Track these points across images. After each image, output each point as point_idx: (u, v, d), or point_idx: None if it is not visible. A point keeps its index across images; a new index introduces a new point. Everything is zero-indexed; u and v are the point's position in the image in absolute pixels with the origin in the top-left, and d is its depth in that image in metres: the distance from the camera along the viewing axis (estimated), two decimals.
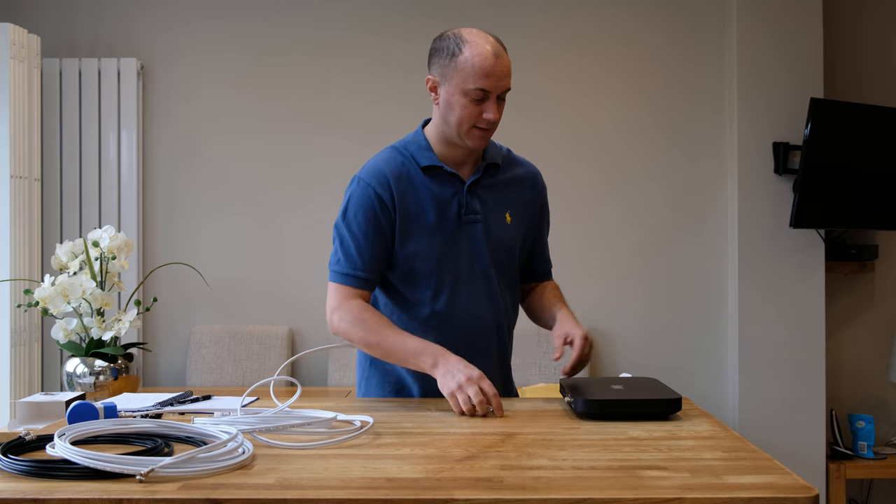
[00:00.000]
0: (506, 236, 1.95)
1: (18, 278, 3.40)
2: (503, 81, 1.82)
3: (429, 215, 1.89)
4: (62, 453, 1.21)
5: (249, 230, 3.85)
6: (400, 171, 1.91)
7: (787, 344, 3.69)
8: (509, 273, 1.99)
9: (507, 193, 1.98)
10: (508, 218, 1.96)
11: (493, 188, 1.96)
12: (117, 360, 2.55)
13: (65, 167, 3.75)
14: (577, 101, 3.87)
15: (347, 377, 3.73)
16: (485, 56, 1.80)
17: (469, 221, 1.91)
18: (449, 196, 1.91)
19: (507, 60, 1.83)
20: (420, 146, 1.94)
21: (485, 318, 1.94)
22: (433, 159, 1.91)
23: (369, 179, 1.90)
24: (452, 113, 1.84)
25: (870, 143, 3.60)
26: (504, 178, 1.99)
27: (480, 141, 1.87)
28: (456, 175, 1.92)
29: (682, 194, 3.85)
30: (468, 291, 1.92)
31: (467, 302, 1.92)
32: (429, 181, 1.90)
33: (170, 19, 3.86)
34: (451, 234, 1.90)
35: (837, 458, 3.66)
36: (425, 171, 1.91)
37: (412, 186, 1.89)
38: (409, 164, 1.92)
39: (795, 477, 1.19)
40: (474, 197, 1.92)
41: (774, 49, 3.70)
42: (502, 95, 1.85)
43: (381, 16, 3.86)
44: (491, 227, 1.93)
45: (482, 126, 1.84)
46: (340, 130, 3.85)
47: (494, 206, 1.95)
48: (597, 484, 1.17)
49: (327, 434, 1.45)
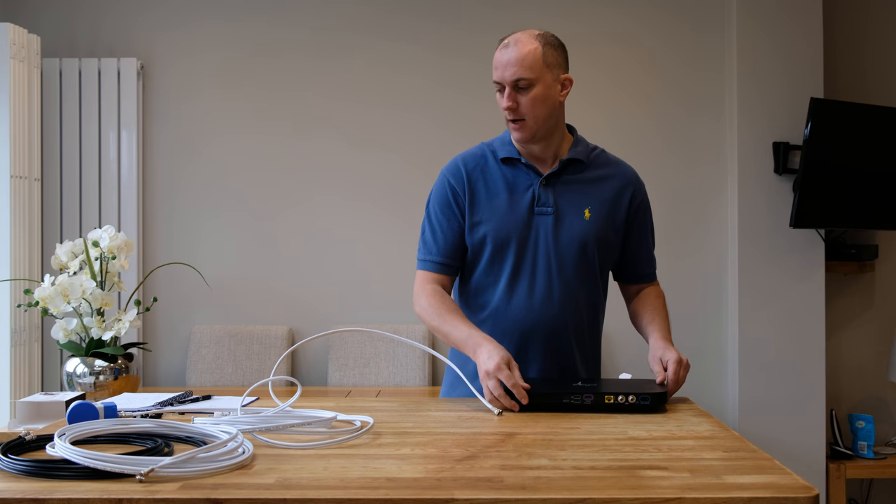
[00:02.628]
0: (581, 231, 1.95)
1: (18, 278, 3.40)
2: (508, 71, 1.88)
3: (500, 201, 1.95)
4: (62, 453, 1.21)
5: (249, 230, 3.85)
6: (476, 161, 2.00)
7: (787, 344, 3.69)
8: (584, 268, 1.97)
9: (589, 190, 1.99)
10: (587, 214, 1.97)
11: (574, 184, 1.98)
12: (117, 360, 2.55)
13: (65, 167, 3.75)
14: (576, 102, 3.86)
15: (347, 377, 3.73)
16: (497, 50, 1.91)
17: (541, 213, 1.95)
18: (524, 187, 1.96)
19: (522, 49, 1.89)
20: (503, 141, 2.02)
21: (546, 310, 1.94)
22: (512, 152, 1.98)
23: (446, 171, 2.01)
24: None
25: (870, 143, 3.60)
26: (590, 176, 2.00)
27: (517, 133, 1.93)
28: (533, 167, 1.97)
29: (683, 194, 3.85)
30: (529, 281, 1.94)
31: (527, 295, 1.94)
32: (506, 170, 1.98)
33: (170, 19, 3.86)
34: (522, 223, 1.94)
35: (837, 458, 3.66)
36: (504, 162, 1.99)
37: (487, 174, 1.98)
38: (489, 155, 2.01)
39: (795, 477, 1.19)
40: (550, 190, 1.96)
41: (774, 49, 3.70)
42: (521, 85, 1.89)
43: (380, 17, 3.86)
44: (564, 221, 1.95)
45: (509, 118, 1.92)
46: (340, 130, 3.86)
47: (572, 201, 1.97)
48: (597, 484, 1.17)
49: (327, 434, 1.45)
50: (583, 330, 2.01)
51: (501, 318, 1.95)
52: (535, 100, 1.89)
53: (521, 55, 1.88)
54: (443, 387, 2.12)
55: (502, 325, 1.95)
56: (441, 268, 1.98)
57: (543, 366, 1.96)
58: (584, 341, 2.02)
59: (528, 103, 1.89)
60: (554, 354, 1.96)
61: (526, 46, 1.89)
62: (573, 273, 1.96)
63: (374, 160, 3.83)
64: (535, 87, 1.89)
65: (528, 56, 1.88)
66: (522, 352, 1.95)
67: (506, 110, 1.90)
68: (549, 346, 1.96)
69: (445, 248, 1.97)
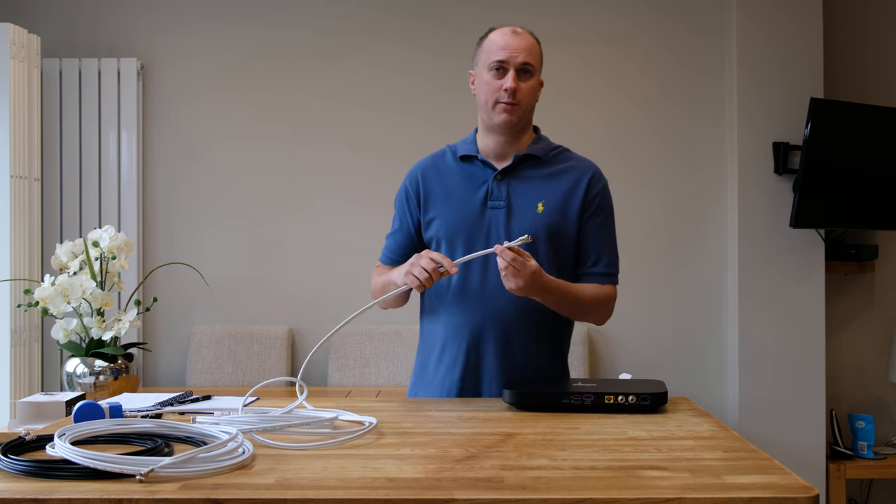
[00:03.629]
0: (531, 224, 1.96)
1: (18, 278, 3.40)
2: (519, 54, 1.95)
3: (455, 197, 2.02)
4: (62, 453, 1.21)
5: (249, 230, 3.85)
6: (435, 161, 2.10)
7: (787, 344, 3.69)
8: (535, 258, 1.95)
9: (545, 185, 2.01)
10: (541, 207, 1.98)
11: (530, 179, 2.01)
12: (117, 360, 2.54)
13: (65, 167, 3.75)
14: (576, 104, 3.87)
15: (347, 377, 3.73)
16: (504, 33, 1.98)
17: (494, 207, 1.99)
18: (479, 182, 2.02)
19: (529, 39, 1.99)
20: (466, 141, 2.10)
21: (500, 302, 1.95)
22: (471, 150, 2.05)
23: (407, 175, 2.13)
24: (482, 92, 1.99)
25: (870, 143, 3.60)
26: (546, 172, 2.03)
27: (507, 116, 1.96)
28: (489, 164, 2.02)
29: (683, 194, 3.85)
30: (482, 274, 1.97)
31: (480, 283, 1.97)
32: (463, 167, 2.05)
33: (170, 19, 3.86)
34: (474, 218, 1.99)
35: (837, 458, 3.66)
36: (462, 160, 2.06)
37: (444, 172, 2.06)
38: (449, 155, 2.09)
39: (795, 477, 1.19)
40: (504, 185, 2.00)
41: (774, 49, 3.70)
42: (526, 69, 1.96)
43: (381, 20, 3.86)
44: (515, 214, 1.98)
45: (504, 99, 1.95)
46: (339, 131, 3.86)
47: (526, 195, 1.99)
48: (597, 484, 1.17)
49: (330, 434, 1.45)
50: (541, 324, 1.99)
51: (456, 310, 1.99)
52: (532, 89, 1.99)
53: (530, 44, 1.98)
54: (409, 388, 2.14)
55: (457, 317, 1.99)
56: (393, 262, 2.11)
57: (499, 358, 1.97)
58: (542, 336, 2.00)
59: (526, 89, 1.97)
60: (508, 346, 1.97)
61: (530, 38, 2.00)
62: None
63: (375, 162, 3.83)
64: (533, 77, 1.99)
65: (534, 47, 1.99)
66: (477, 344, 1.97)
67: (506, 91, 1.94)
68: (504, 338, 1.97)
69: (397, 246, 2.11)
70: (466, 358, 1.98)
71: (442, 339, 2.02)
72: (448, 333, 2.00)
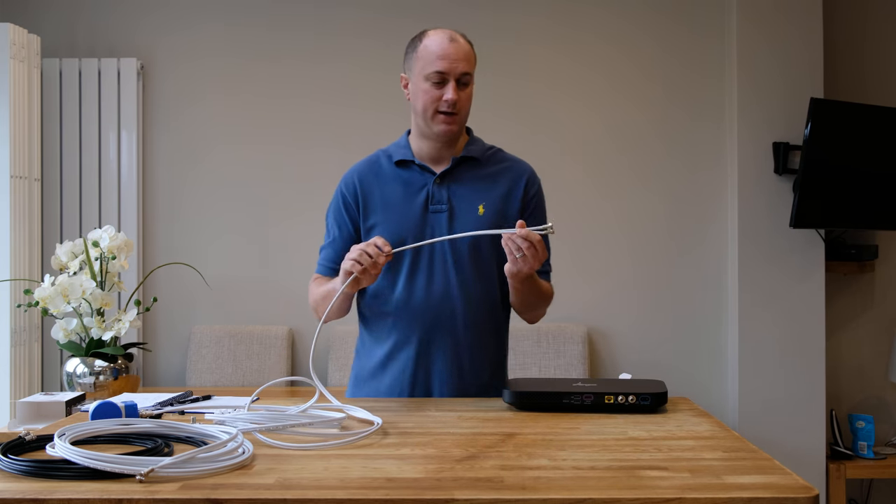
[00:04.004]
0: (474, 227, 1.95)
1: (18, 278, 3.40)
2: (459, 64, 1.92)
3: (395, 203, 1.99)
4: (62, 453, 1.21)
5: (249, 230, 3.85)
6: (370, 168, 2.06)
7: (787, 344, 3.69)
8: (480, 264, 1.99)
9: (483, 187, 2.01)
10: (481, 210, 1.99)
11: (469, 181, 2.01)
12: (117, 360, 2.55)
13: (65, 167, 3.75)
14: (576, 105, 3.87)
15: (347, 377, 3.72)
16: (440, 41, 1.94)
17: (435, 211, 1.98)
18: (418, 187, 2.01)
19: (466, 47, 1.95)
20: (399, 145, 2.07)
21: (445, 307, 1.96)
22: (406, 154, 2.03)
23: (341, 182, 2.09)
24: (418, 101, 1.97)
25: (870, 143, 3.60)
26: (484, 173, 2.03)
27: (446, 126, 1.95)
28: (427, 168, 2.01)
29: (683, 194, 3.85)
30: (426, 278, 1.96)
31: (425, 289, 1.96)
32: (400, 173, 2.03)
33: (170, 19, 3.86)
34: (417, 223, 1.97)
35: (837, 458, 3.66)
36: (398, 165, 2.03)
37: (381, 179, 2.03)
38: (384, 160, 2.06)
39: (795, 477, 1.19)
40: (444, 189, 1.99)
41: (774, 49, 3.70)
42: (464, 80, 1.94)
43: (382, 23, 3.85)
44: (457, 218, 1.98)
45: (444, 109, 1.94)
46: (339, 131, 3.85)
47: (466, 198, 1.99)
48: (597, 484, 1.17)
49: (336, 435, 1.46)
50: (485, 329, 2.01)
51: (402, 316, 1.98)
52: (469, 97, 1.98)
53: (467, 52, 1.96)
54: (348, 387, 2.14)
55: (403, 323, 1.98)
56: (332, 272, 2.06)
57: (447, 363, 1.97)
58: (487, 343, 2.02)
59: (465, 98, 1.96)
60: (456, 351, 1.98)
61: (467, 45, 1.97)
62: (470, 269, 1.98)
63: None
64: (470, 85, 1.98)
65: (471, 53, 1.98)
66: (425, 349, 1.97)
67: (446, 102, 1.92)
68: (451, 343, 1.97)
69: (336, 255, 2.03)
70: (415, 365, 1.97)
71: (388, 348, 2.00)
72: (395, 341, 1.99)
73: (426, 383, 1.98)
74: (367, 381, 2.05)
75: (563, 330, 3.75)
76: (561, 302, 4.01)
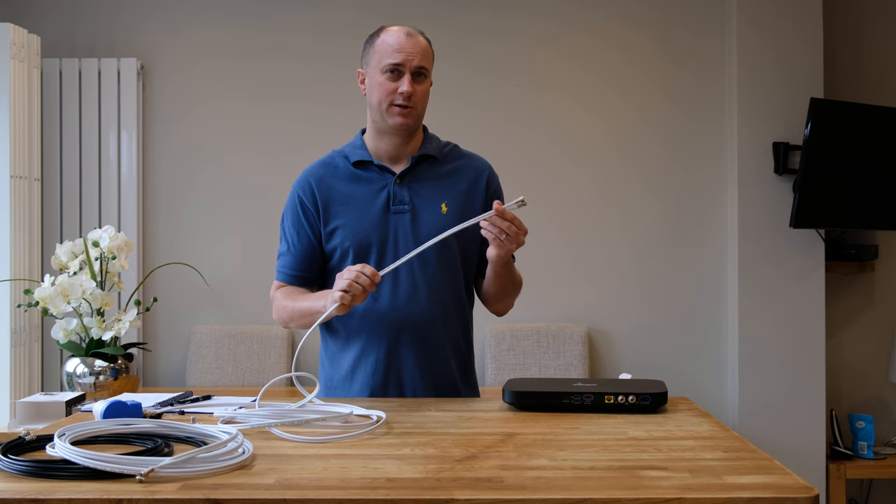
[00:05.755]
0: (439, 226, 1.94)
1: (18, 278, 3.40)
2: (415, 57, 1.93)
3: (356, 205, 1.98)
4: (62, 453, 1.21)
5: (249, 230, 3.85)
6: (326, 170, 2.03)
7: (787, 344, 3.69)
8: (446, 263, 1.99)
9: (444, 185, 2.01)
10: (444, 208, 1.98)
11: (429, 180, 2.01)
12: (117, 360, 2.54)
13: (65, 167, 3.75)
14: (576, 106, 3.87)
15: None
16: (397, 35, 1.96)
17: (398, 212, 1.97)
18: (378, 188, 1.99)
19: (423, 42, 1.97)
20: (354, 145, 2.06)
21: (413, 308, 1.95)
22: (364, 155, 2.01)
23: (296, 185, 2.06)
24: (374, 94, 1.97)
25: (870, 143, 3.60)
26: (443, 171, 2.03)
27: (401, 119, 1.95)
28: (386, 168, 2.00)
29: (683, 194, 3.85)
30: (392, 281, 1.95)
31: (391, 292, 1.95)
32: (358, 174, 2.01)
33: (170, 19, 3.86)
34: (380, 224, 1.96)
35: (837, 458, 3.66)
36: (356, 166, 2.02)
37: (338, 181, 2.01)
38: (340, 161, 2.04)
39: (795, 477, 1.19)
40: (405, 188, 1.98)
41: (774, 49, 3.70)
42: (420, 72, 1.94)
43: (382, 24, 3.84)
44: (421, 217, 1.97)
45: (399, 102, 1.93)
46: (339, 131, 3.84)
47: (428, 197, 1.99)
48: (597, 484, 1.17)
49: (342, 429, 1.48)
50: (453, 330, 2.01)
51: (369, 318, 1.96)
52: (426, 92, 1.98)
53: (424, 46, 1.97)
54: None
55: (371, 325, 1.96)
56: (294, 279, 2.04)
57: (416, 364, 1.96)
58: (456, 344, 2.02)
59: (421, 93, 1.96)
60: (425, 351, 1.97)
61: (424, 40, 1.99)
62: (436, 268, 1.97)
63: None
64: (426, 80, 1.98)
65: (427, 49, 1.98)
66: (394, 351, 1.96)
67: (401, 94, 1.92)
68: (420, 344, 1.97)
69: (296, 262, 2.03)
70: (385, 368, 1.96)
71: (356, 353, 1.99)
72: (363, 346, 1.98)
73: (398, 385, 1.97)
74: (337, 389, 2.04)
75: (563, 330, 3.75)
76: (561, 302, 4.04)
